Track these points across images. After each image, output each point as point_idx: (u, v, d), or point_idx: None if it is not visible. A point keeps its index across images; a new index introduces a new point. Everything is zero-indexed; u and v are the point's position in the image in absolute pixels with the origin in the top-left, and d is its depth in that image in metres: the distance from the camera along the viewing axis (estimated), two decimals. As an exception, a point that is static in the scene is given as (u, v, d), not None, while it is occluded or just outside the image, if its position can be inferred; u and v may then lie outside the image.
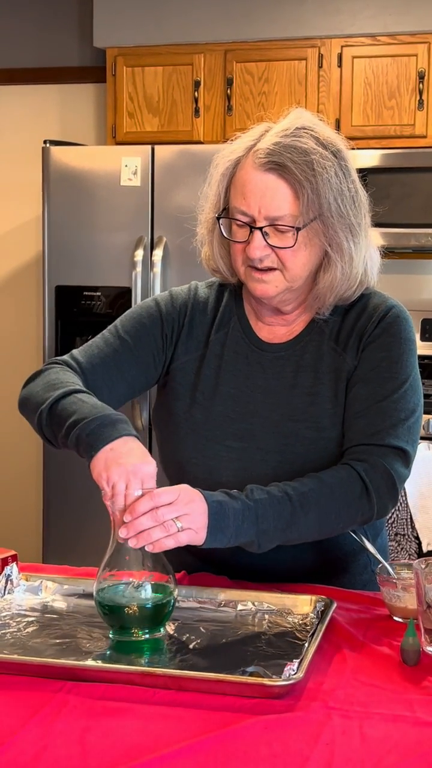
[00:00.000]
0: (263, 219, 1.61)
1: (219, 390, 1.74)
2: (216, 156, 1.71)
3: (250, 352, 1.76)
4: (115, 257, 3.81)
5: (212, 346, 1.77)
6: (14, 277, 4.68)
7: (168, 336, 1.78)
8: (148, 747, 1.14)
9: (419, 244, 3.78)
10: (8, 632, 1.46)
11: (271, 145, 1.60)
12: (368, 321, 1.72)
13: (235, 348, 1.76)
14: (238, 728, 1.18)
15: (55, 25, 4.51)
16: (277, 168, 1.60)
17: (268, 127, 1.66)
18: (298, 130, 1.62)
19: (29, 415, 1.73)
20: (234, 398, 1.73)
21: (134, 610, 1.42)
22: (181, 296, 1.82)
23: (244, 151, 1.65)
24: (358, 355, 1.70)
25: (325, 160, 1.61)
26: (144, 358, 1.77)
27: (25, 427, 1.88)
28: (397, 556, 2.74)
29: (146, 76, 4.13)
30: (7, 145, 4.64)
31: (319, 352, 1.72)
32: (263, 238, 1.62)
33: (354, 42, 3.91)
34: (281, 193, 1.60)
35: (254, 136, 1.65)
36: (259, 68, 4.00)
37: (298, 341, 1.74)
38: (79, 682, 1.30)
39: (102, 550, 1.51)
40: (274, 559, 1.71)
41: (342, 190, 1.63)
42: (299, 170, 1.59)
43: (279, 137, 1.61)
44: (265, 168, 1.60)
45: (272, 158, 1.60)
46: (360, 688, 1.30)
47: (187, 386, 1.76)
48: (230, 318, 1.79)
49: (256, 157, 1.61)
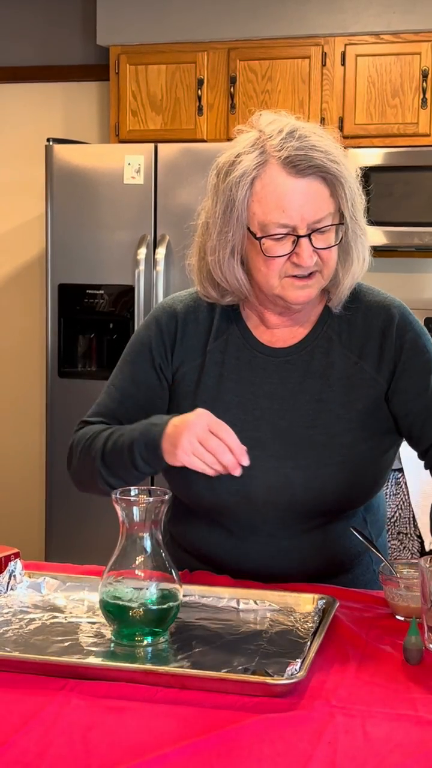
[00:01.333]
0: (305, 226, 1.58)
1: (221, 399, 1.71)
2: (212, 180, 1.65)
3: (252, 357, 1.73)
4: (118, 255, 3.81)
5: (211, 355, 1.74)
6: (17, 275, 4.68)
7: (161, 365, 1.76)
8: (151, 745, 1.14)
9: (422, 242, 3.77)
10: (11, 629, 1.46)
11: (293, 150, 1.57)
12: (386, 329, 1.71)
13: (236, 354, 1.73)
14: (240, 727, 1.18)
15: (59, 23, 4.51)
16: (312, 169, 1.57)
17: (255, 137, 1.60)
18: (299, 129, 1.60)
19: (94, 489, 1.74)
20: (238, 406, 1.71)
21: (139, 612, 1.41)
22: (163, 316, 1.78)
23: (257, 168, 1.58)
24: (384, 367, 1.69)
25: (339, 153, 1.61)
26: (149, 397, 1.76)
27: (28, 426, 1.88)
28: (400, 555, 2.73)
29: (149, 74, 4.12)
30: (11, 142, 4.64)
31: (328, 358, 1.71)
32: (310, 243, 1.59)
33: (357, 40, 3.90)
34: (321, 195, 1.59)
35: (256, 150, 1.59)
36: (262, 66, 4.00)
37: (304, 346, 1.72)
38: (82, 680, 1.30)
39: (105, 548, 1.51)
40: (278, 568, 1.71)
41: (355, 180, 1.64)
42: (335, 168, 1.58)
43: (295, 142, 1.57)
44: (298, 174, 1.57)
45: (304, 163, 1.57)
46: (363, 687, 1.30)
47: (187, 396, 1.74)
48: (228, 325, 1.75)
49: (283, 166, 1.57)
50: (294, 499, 1.67)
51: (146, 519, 1.45)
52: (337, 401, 1.69)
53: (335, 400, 1.69)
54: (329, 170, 1.58)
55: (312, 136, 1.60)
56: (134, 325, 3.79)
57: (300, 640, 1.43)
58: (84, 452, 1.71)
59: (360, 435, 1.68)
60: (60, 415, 3.90)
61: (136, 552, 1.45)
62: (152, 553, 1.45)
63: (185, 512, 1.79)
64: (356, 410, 1.69)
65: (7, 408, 4.70)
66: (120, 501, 1.45)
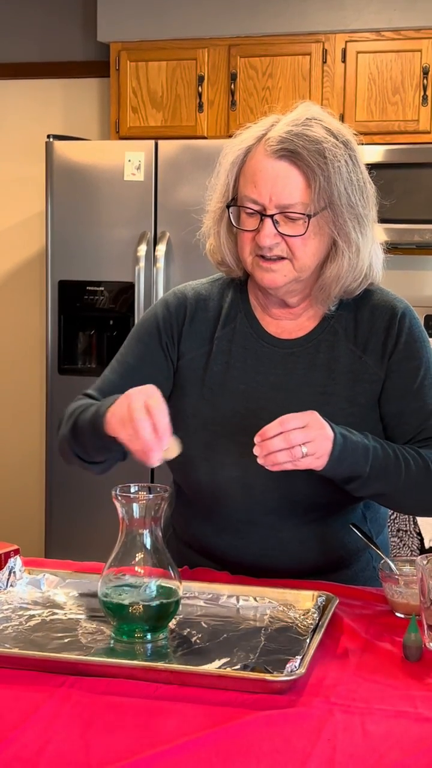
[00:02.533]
0: (274, 207, 1.61)
1: (227, 386, 1.73)
2: (225, 146, 1.71)
3: (259, 347, 1.75)
4: (119, 252, 3.81)
5: (219, 342, 1.76)
6: (18, 272, 4.68)
7: (168, 344, 1.78)
8: (150, 742, 1.14)
9: (423, 239, 3.77)
10: (10, 626, 1.46)
11: (282, 133, 1.61)
12: (389, 327, 1.72)
13: (243, 344, 1.75)
14: (239, 723, 1.18)
15: (59, 19, 4.51)
16: (290, 155, 1.60)
17: (277, 118, 1.66)
18: (309, 120, 1.63)
19: (67, 453, 1.78)
20: (243, 394, 1.72)
21: (139, 609, 1.41)
22: (174, 300, 1.81)
23: (254, 140, 1.65)
24: (384, 363, 1.71)
25: (336, 149, 1.61)
26: (152, 373, 1.76)
27: (28, 423, 1.89)
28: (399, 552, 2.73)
29: (150, 71, 4.12)
30: (11, 139, 4.63)
31: (334, 352, 1.72)
32: (274, 226, 1.62)
33: (358, 37, 3.90)
34: (293, 181, 1.61)
35: (264, 127, 1.66)
36: (263, 63, 4.00)
37: (311, 339, 1.74)
38: (82, 676, 1.30)
39: (104, 545, 1.51)
40: (278, 560, 1.71)
41: (352, 180, 1.64)
42: (312, 157, 1.60)
43: (290, 126, 1.62)
44: (277, 155, 1.60)
45: (284, 146, 1.60)
46: (362, 684, 1.30)
47: (194, 383, 1.75)
48: (236, 314, 1.78)
49: (267, 145, 1.61)
50: (293, 489, 1.67)
51: (146, 516, 1.45)
52: (341, 394, 1.70)
53: (339, 393, 1.70)
54: (305, 159, 1.60)
55: (313, 126, 1.62)
56: (134, 321, 3.79)
57: (299, 637, 1.43)
58: (66, 421, 1.75)
59: (362, 429, 1.69)
60: (60, 411, 3.86)
61: (135, 549, 1.45)
62: (152, 549, 1.45)
63: (186, 504, 1.80)
64: (359, 404, 1.70)
65: (7, 404, 4.69)
66: (120, 498, 1.45)
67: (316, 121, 1.64)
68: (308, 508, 1.70)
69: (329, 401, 1.70)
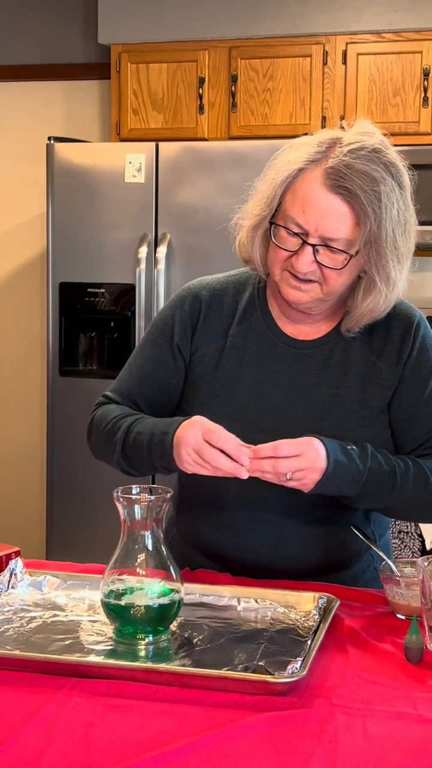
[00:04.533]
0: (317, 236, 1.59)
1: (240, 382, 1.73)
2: (276, 154, 1.67)
3: (274, 346, 1.74)
4: (119, 254, 3.81)
5: (233, 339, 1.76)
6: (18, 274, 4.68)
7: (179, 344, 1.77)
8: (151, 743, 1.14)
9: (424, 241, 3.76)
10: (11, 628, 1.46)
11: (342, 166, 1.57)
12: (405, 335, 1.72)
13: (258, 341, 1.75)
14: (241, 725, 1.18)
15: (60, 21, 4.51)
16: (346, 193, 1.57)
17: (335, 138, 1.62)
18: (371, 153, 1.59)
19: (111, 464, 1.80)
20: (256, 391, 1.73)
21: (140, 611, 1.41)
22: (188, 296, 1.80)
23: (307, 163, 1.60)
24: (398, 370, 1.71)
25: (392, 193, 1.59)
26: (165, 375, 1.78)
27: (29, 424, 1.89)
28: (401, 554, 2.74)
29: (151, 73, 4.12)
30: (12, 141, 4.64)
31: (347, 355, 1.72)
32: (313, 254, 1.60)
33: (359, 39, 3.90)
34: (343, 218, 1.58)
35: (321, 148, 1.61)
36: (263, 65, 4.00)
37: (326, 341, 1.74)
38: (83, 678, 1.30)
39: (106, 547, 1.51)
40: (280, 559, 1.72)
41: (401, 221, 1.63)
42: (368, 200, 1.57)
43: (351, 158, 1.57)
44: (332, 189, 1.57)
45: (343, 182, 1.56)
46: (363, 686, 1.30)
47: (206, 378, 1.75)
48: (253, 311, 1.77)
49: (325, 175, 1.57)
50: (296, 490, 1.67)
51: (148, 517, 1.45)
52: (353, 397, 1.71)
53: (351, 396, 1.71)
54: (360, 201, 1.57)
55: (375, 160, 1.58)
56: (135, 323, 3.79)
57: (300, 639, 1.43)
58: (106, 435, 1.75)
59: (371, 433, 1.70)
60: (61, 413, 3.90)
61: (137, 550, 1.45)
62: (154, 551, 1.45)
63: (190, 502, 1.80)
64: (370, 408, 1.71)
65: (8, 406, 4.69)
66: (121, 499, 1.45)
67: (377, 154, 1.59)
68: (311, 509, 1.71)
69: (341, 403, 1.70)
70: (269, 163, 1.68)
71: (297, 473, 1.56)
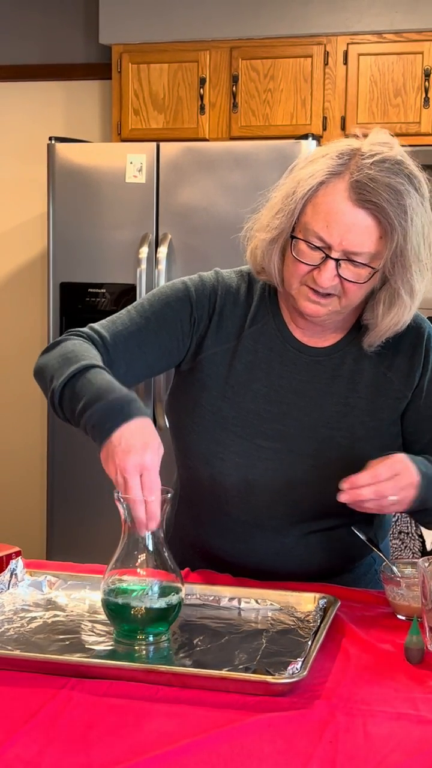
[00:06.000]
0: (341, 251, 1.56)
1: (251, 387, 1.70)
2: (295, 166, 1.63)
3: (285, 351, 1.72)
4: (120, 254, 3.81)
5: (245, 340, 1.72)
6: (19, 274, 4.68)
7: (196, 321, 1.72)
8: (152, 744, 1.14)
9: (424, 242, 3.77)
10: (12, 628, 1.46)
11: (367, 179, 1.53)
12: (416, 345, 1.71)
13: (269, 345, 1.72)
14: (241, 726, 1.18)
15: (61, 21, 4.51)
16: (373, 207, 1.54)
17: (354, 148, 1.58)
18: (395, 165, 1.56)
19: (43, 388, 1.64)
20: (266, 397, 1.70)
21: (141, 611, 1.41)
22: (210, 281, 1.75)
23: (329, 176, 1.56)
24: (411, 382, 1.70)
25: (418, 206, 1.56)
26: (168, 341, 1.71)
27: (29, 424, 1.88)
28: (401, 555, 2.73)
29: (152, 73, 4.12)
30: (13, 141, 4.64)
31: (358, 364, 1.70)
32: (336, 268, 1.57)
33: (360, 39, 3.90)
34: (369, 232, 1.55)
35: (341, 160, 1.57)
36: (264, 65, 4.00)
37: (337, 349, 1.71)
38: (83, 678, 1.30)
39: (106, 547, 1.51)
40: (281, 564, 1.71)
41: (425, 234, 1.59)
42: (395, 213, 1.54)
43: (376, 171, 1.54)
44: (358, 203, 1.54)
45: (369, 196, 1.53)
46: (363, 686, 1.30)
47: (216, 378, 1.71)
48: (265, 314, 1.73)
49: (350, 189, 1.54)
50: (306, 497, 1.67)
51: (148, 518, 1.45)
52: (363, 408, 1.69)
53: (361, 407, 1.69)
54: (386, 214, 1.54)
55: (398, 176, 1.55)
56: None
57: (301, 639, 1.43)
58: (62, 359, 1.60)
59: (381, 443, 1.68)
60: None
61: (138, 551, 1.45)
62: (154, 551, 1.45)
63: (192, 506, 1.79)
64: (380, 419, 1.69)
65: (8, 406, 4.70)
66: (122, 500, 1.45)
67: (399, 166, 1.56)
68: (314, 515, 1.70)
69: (351, 413, 1.69)
70: (287, 175, 1.64)
71: (397, 493, 1.53)
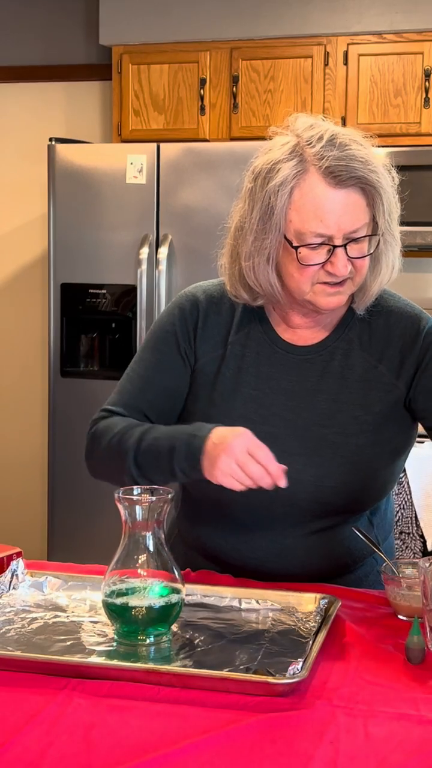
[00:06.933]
0: (341, 236, 1.57)
1: (239, 391, 1.71)
2: (253, 189, 1.62)
3: (273, 353, 1.72)
4: (121, 255, 3.81)
5: (232, 347, 1.73)
6: (20, 275, 4.68)
7: (185, 350, 1.75)
8: (153, 744, 1.14)
9: (425, 242, 3.77)
10: (13, 628, 1.46)
11: (334, 160, 1.55)
12: (406, 334, 1.70)
13: (257, 349, 1.73)
14: (242, 726, 1.18)
15: (62, 22, 4.51)
16: (353, 181, 1.56)
17: (294, 144, 1.58)
18: (337, 137, 1.57)
19: (113, 477, 1.69)
20: (255, 400, 1.70)
21: (142, 611, 1.41)
22: (189, 302, 1.77)
23: (295, 176, 1.56)
24: (408, 371, 1.69)
25: (374, 157, 1.60)
26: (171, 381, 1.74)
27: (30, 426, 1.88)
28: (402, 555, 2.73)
29: (152, 74, 4.12)
30: (13, 142, 4.64)
31: (347, 360, 1.71)
32: (346, 253, 1.58)
33: (360, 40, 3.90)
34: (358, 205, 1.57)
35: (294, 158, 1.57)
36: (265, 66, 4.00)
37: (326, 346, 1.72)
38: (84, 679, 1.30)
39: (107, 548, 1.51)
40: (282, 566, 1.71)
41: (392, 189, 1.63)
42: (371, 177, 1.57)
43: (335, 151, 1.55)
44: (340, 185, 1.55)
45: (346, 174, 1.55)
46: (364, 687, 1.30)
47: (205, 387, 1.73)
48: (251, 319, 1.74)
49: (325, 176, 1.55)
50: (302, 496, 1.67)
51: (149, 518, 1.45)
52: (355, 402, 1.69)
53: (352, 401, 1.69)
54: (369, 181, 1.57)
55: (352, 144, 1.58)
56: (137, 324, 3.79)
57: (302, 640, 1.43)
58: (112, 447, 1.67)
59: (374, 438, 1.68)
60: (62, 414, 3.90)
61: (138, 551, 1.45)
62: (155, 552, 1.45)
63: (193, 506, 1.79)
64: (373, 413, 1.69)
65: (9, 407, 4.70)
66: (123, 500, 1.45)
67: (343, 136, 1.58)
68: (316, 516, 1.70)
69: (342, 409, 1.69)
70: (249, 195, 1.62)
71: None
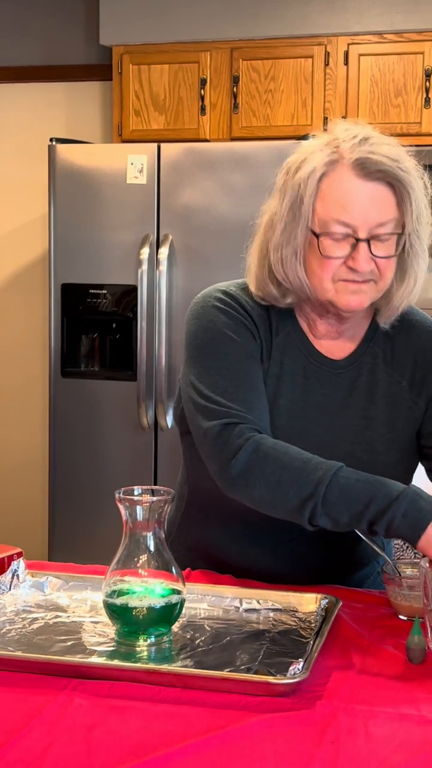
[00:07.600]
0: (366, 229, 1.55)
1: (278, 402, 1.65)
2: (285, 181, 1.60)
3: (308, 364, 1.68)
4: (121, 255, 3.81)
5: (274, 352, 1.67)
6: (21, 275, 4.68)
7: (260, 338, 1.67)
8: (153, 745, 1.14)
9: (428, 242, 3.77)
10: (13, 629, 1.46)
11: (366, 154, 1.54)
12: (426, 350, 1.69)
13: (294, 357, 1.67)
14: (242, 726, 1.18)
15: (62, 23, 4.51)
16: (382, 175, 1.54)
17: (331, 139, 1.58)
18: (378, 138, 1.57)
19: (287, 513, 1.56)
20: (289, 412, 1.65)
21: (143, 611, 1.41)
22: (230, 298, 1.68)
23: (326, 166, 1.55)
24: (427, 387, 1.68)
25: (410, 165, 1.58)
26: (259, 373, 1.65)
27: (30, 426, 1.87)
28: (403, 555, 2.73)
29: (152, 74, 4.13)
30: (14, 142, 4.64)
31: (374, 375, 1.69)
32: (368, 249, 1.55)
33: (360, 40, 3.90)
34: (387, 199, 1.55)
35: (329, 150, 1.57)
36: (265, 66, 4.00)
37: (354, 360, 1.69)
38: (84, 679, 1.30)
39: (108, 548, 1.51)
40: (287, 567, 1.70)
41: (423, 195, 1.60)
42: (403, 176, 1.55)
43: (367, 147, 1.55)
44: (368, 177, 1.54)
45: (376, 167, 1.54)
46: (365, 687, 1.30)
47: None
48: (285, 325, 1.68)
49: (354, 167, 1.54)
50: None
51: (150, 518, 1.45)
52: (381, 419, 1.67)
53: (379, 418, 1.67)
54: (398, 177, 1.55)
55: (384, 145, 1.57)
56: (137, 325, 3.79)
57: (302, 640, 1.43)
58: (298, 471, 1.53)
59: (400, 456, 1.68)
60: (63, 415, 3.90)
61: (139, 551, 1.45)
62: (155, 552, 1.45)
63: (199, 507, 1.79)
64: (397, 429, 1.68)
65: (9, 407, 4.70)
66: (123, 500, 1.45)
67: (381, 137, 1.58)
68: None
69: (370, 425, 1.67)
70: (281, 187, 1.61)
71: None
